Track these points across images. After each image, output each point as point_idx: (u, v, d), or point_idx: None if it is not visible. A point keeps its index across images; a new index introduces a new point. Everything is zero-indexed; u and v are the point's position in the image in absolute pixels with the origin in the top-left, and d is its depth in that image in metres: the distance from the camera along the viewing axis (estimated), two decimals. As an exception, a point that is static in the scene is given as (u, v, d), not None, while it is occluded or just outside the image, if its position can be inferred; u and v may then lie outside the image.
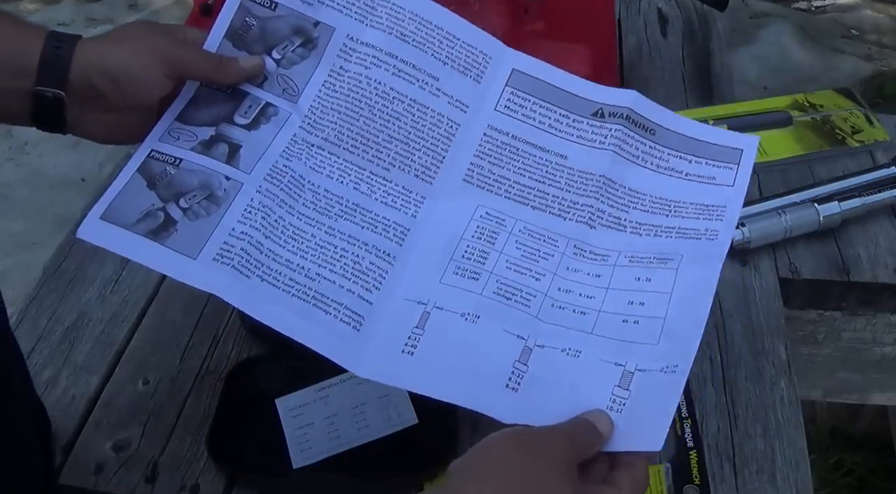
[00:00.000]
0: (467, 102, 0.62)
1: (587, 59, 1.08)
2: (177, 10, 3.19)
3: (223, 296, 0.54)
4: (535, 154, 0.61)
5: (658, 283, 0.55)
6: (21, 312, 0.84)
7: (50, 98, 0.60)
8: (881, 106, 2.55)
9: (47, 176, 2.43)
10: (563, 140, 0.62)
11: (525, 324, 0.54)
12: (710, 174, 0.61)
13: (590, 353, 0.53)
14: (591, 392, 0.52)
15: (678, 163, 0.61)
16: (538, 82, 0.63)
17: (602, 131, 0.62)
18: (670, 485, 0.66)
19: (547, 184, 0.60)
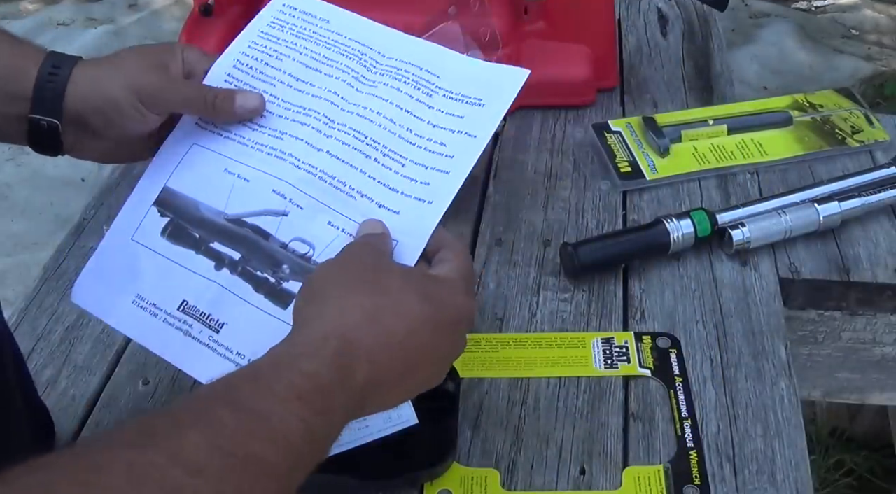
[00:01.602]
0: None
1: (587, 59, 1.08)
2: (177, 10, 3.19)
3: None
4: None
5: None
6: (21, 312, 0.84)
7: (45, 126, 0.60)
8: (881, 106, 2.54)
9: (47, 176, 2.43)
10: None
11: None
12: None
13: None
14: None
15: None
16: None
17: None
18: (670, 485, 0.66)
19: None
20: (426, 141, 0.61)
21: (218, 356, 0.57)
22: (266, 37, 0.67)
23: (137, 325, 0.59)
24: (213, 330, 0.58)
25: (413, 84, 0.64)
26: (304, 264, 0.59)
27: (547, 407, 0.73)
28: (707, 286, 0.84)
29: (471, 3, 0.99)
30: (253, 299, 0.58)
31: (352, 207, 0.60)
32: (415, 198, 0.60)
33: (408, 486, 0.67)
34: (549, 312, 0.82)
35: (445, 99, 0.63)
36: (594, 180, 0.98)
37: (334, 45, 0.66)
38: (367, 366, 0.48)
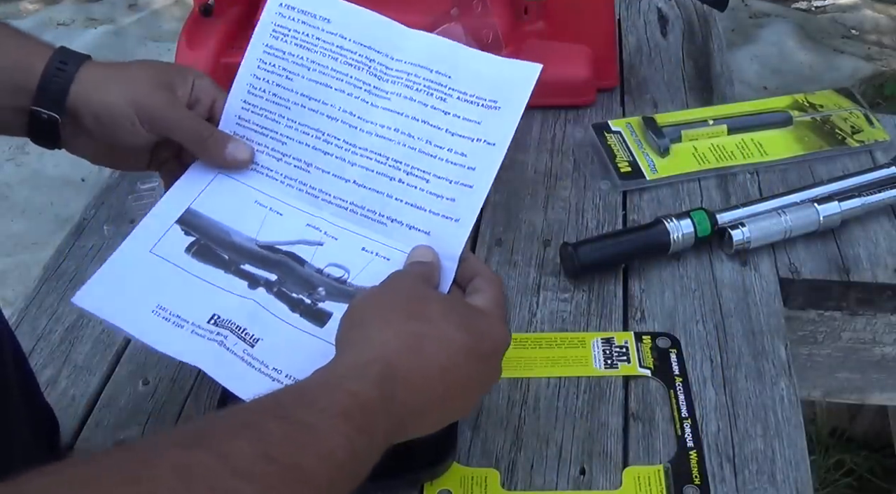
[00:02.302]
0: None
1: (587, 58, 1.08)
2: (177, 10, 3.19)
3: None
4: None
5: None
6: (21, 312, 0.84)
7: (45, 118, 0.60)
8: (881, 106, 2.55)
9: (47, 176, 2.43)
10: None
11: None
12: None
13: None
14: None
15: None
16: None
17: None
18: (670, 485, 0.66)
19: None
20: (446, 152, 0.62)
21: (253, 370, 0.57)
22: (273, 52, 0.66)
23: (158, 333, 0.59)
24: (248, 345, 0.58)
25: (426, 90, 0.63)
26: (340, 287, 0.60)
27: (547, 407, 0.73)
28: (707, 286, 0.84)
29: (473, 4, 0.99)
30: (289, 318, 0.59)
31: (384, 233, 0.61)
32: (442, 215, 0.61)
33: (408, 486, 0.67)
34: (549, 312, 0.82)
35: (460, 102, 0.63)
36: (594, 180, 0.98)
37: (340, 53, 0.65)
38: (408, 391, 0.49)
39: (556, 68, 1.09)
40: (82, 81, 0.60)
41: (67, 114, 0.60)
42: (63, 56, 0.61)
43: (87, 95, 0.60)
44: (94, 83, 0.61)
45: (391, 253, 0.61)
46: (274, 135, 0.65)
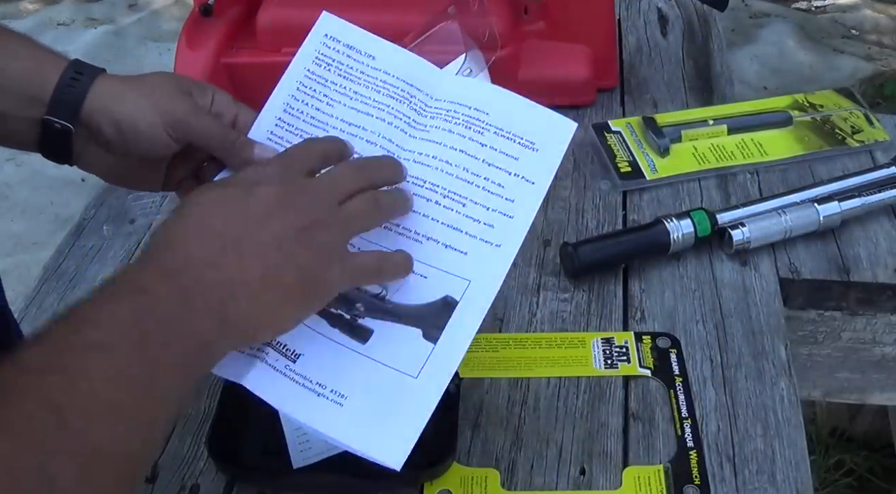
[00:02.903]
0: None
1: (587, 58, 1.08)
2: (177, 10, 3.20)
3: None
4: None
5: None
6: (21, 312, 0.84)
7: (58, 129, 0.59)
8: (881, 106, 2.55)
9: (47, 176, 2.43)
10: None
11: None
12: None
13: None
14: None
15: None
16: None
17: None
18: (670, 485, 0.67)
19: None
20: (483, 180, 0.61)
21: (297, 385, 0.56)
22: (314, 78, 0.65)
23: None
24: (290, 360, 0.57)
25: (464, 124, 0.63)
26: (378, 304, 0.59)
27: (547, 407, 0.73)
28: (707, 286, 0.84)
29: (470, 3, 0.99)
30: (329, 333, 0.58)
31: (418, 250, 0.60)
32: (481, 239, 0.60)
33: (408, 486, 0.67)
34: (549, 312, 0.82)
35: (497, 136, 0.62)
36: (594, 180, 0.98)
37: (383, 87, 0.65)
38: (167, 249, 0.49)
39: (556, 68, 1.09)
40: (98, 92, 0.59)
41: (82, 125, 0.60)
42: (78, 67, 0.60)
43: (105, 105, 0.59)
44: (111, 93, 0.60)
45: (427, 270, 0.60)
46: None
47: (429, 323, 0.58)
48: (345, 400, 0.55)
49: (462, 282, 0.59)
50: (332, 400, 0.55)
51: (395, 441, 0.54)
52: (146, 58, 2.79)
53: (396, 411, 0.55)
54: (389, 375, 0.56)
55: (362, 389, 0.56)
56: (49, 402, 0.40)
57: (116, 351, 0.44)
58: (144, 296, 0.47)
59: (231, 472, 0.69)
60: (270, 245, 0.51)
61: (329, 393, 0.56)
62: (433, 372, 0.56)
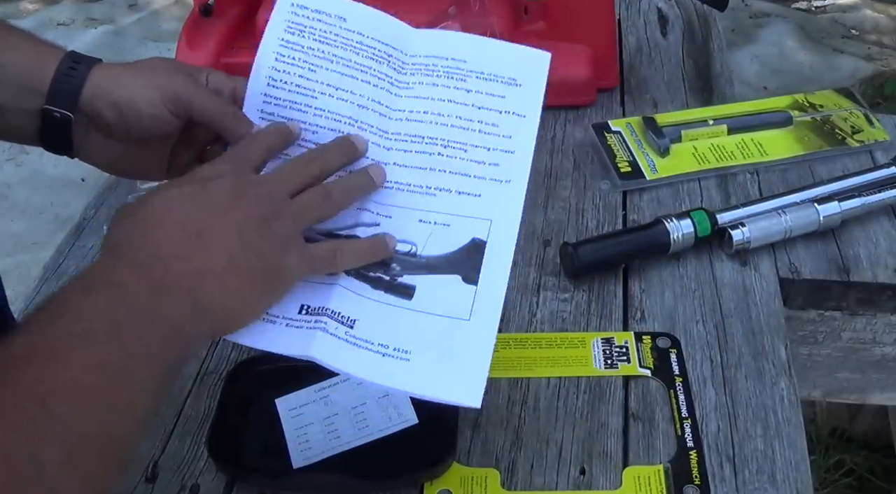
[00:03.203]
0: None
1: (587, 58, 1.08)
2: (177, 10, 3.20)
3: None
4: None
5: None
6: (21, 312, 0.84)
7: (58, 118, 0.60)
8: (881, 106, 2.55)
9: (47, 176, 2.43)
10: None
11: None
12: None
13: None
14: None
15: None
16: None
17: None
18: (670, 485, 0.67)
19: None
20: (477, 123, 0.62)
21: (361, 349, 0.57)
22: (290, 46, 0.65)
23: (253, 333, 0.57)
24: (348, 326, 0.58)
25: (445, 75, 0.64)
26: (412, 260, 0.60)
27: (547, 407, 0.73)
28: (707, 286, 0.84)
29: (471, 3, 0.99)
30: (374, 295, 0.59)
31: (435, 202, 0.61)
32: (490, 179, 0.61)
33: (408, 486, 0.67)
34: (549, 312, 0.82)
35: (480, 80, 0.63)
36: (594, 180, 0.98)
37: (361, 48, 0.65)
38: (130, 246, 0.50)
39: (556, 68, 1.09)
40: (96, 79, 0.60)
41: (81, 113, 0.60)
42: (75, 58, 0.60)
43: (103, 89, 0.60)
44: (109, 77, 0.60)
45: (448, 219, 0.61)
46: (302, 124, 0.64)
47: (465, 267, 0.59)
48: (410, 355, 0.57)
49: (484, 223, 0.60)
50: (399, 357, 0.57)
51: (468, 381, 0.56)
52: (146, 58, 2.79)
53: (461, 354, 0.57)
54: (444, 323, 0.58)
55: (423, 342, 0.57)
56: (33, 391, 0.41)
57: (94, 340, 0.45)
58: (117, 289, 0.48)
59: (231, 472, 0.69)
60: (232, 234, 0.52)
61: (393, 352, 0.57)
62: (483, 311, 0.58)
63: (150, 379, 0.47)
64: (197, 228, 0.51)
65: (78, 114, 0.60)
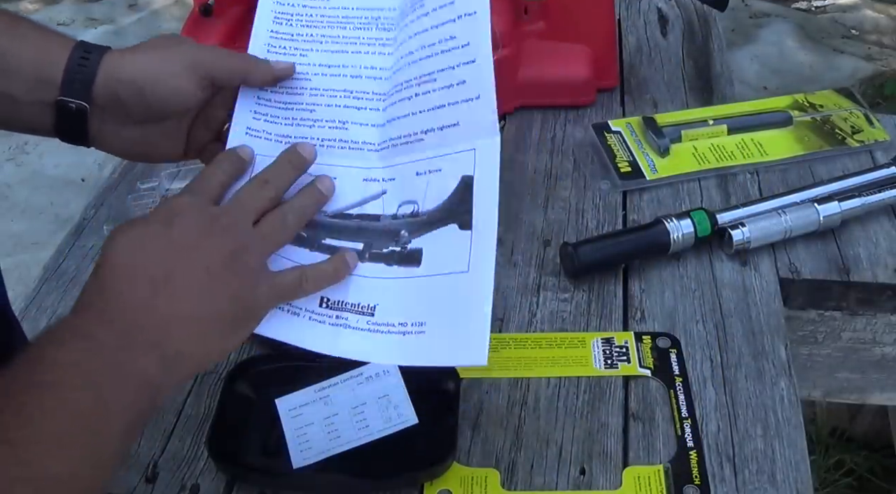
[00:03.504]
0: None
1: (587, 58, 1.08)
2: (177, 10, 3.20)
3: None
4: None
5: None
6: (21, 312, 0.84)
7: (73, 109, 0.60)
8: (881, 106, 2.55)
9: (47, 176, 2.43)
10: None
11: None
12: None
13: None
14: None
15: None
16: None
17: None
18: (670, 485, 0.66)
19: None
20: (438, 44, 0.62)
21: (384, 335, 0.58)
22: (279, 37, 0.66)
23: (277, 325, 0.59)
24: (368, 315, 0.59)
25: (411, 10, 0.64)
26: (416, 221, 0.60)
27: (547, 407, 0.73)
28: (707, 286, 0.84)
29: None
30: (388, 273, 0.60)
31: (425, 148, 0.61)
32: (461, 100, 0.60)
33: (408, 486, 0.67)
34: (549, 312, 0.82)
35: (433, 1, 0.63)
36: (594, 180, 0.98)
37: (348, 22, 0.66)
38: (106, 298, 0.50)
39: (556, 68, 1.09)
40: (109, 65, 0.60)
41: (97, 102, 0.60)
42: (85, 47, 0.60)
43: (121, 74, 0.60)
44: (124, 61, 0.60)
45: (437, 163, 0.61)
46: (299, 106, 0.65)
47: (458, 211, 0.59)
48: (425, 327, 0.57)
49: (469, 154, 0.60)
50: (416, 332, 0.57)
51: (472, 340, 0.56)
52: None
53: (464, 311, 0.57)
54: (446, 281, 0.58)
55: (434, 308, 0.58)
56: (4, 437, 0.42)
57: (64, 390, 0.45)
58: (88, 342, 0.48)
59: (231, 472, 0.69)
60: (200, 275, 0.52)
61: (411, 328, 0.58)
62: (479, 258, 0.58)
63: (120, 427, 0.47)
64: (163, 274, 0.51)
65: (93, 104, 0.60)
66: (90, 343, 0.48)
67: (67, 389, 0.45)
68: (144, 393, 0.49)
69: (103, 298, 0.50)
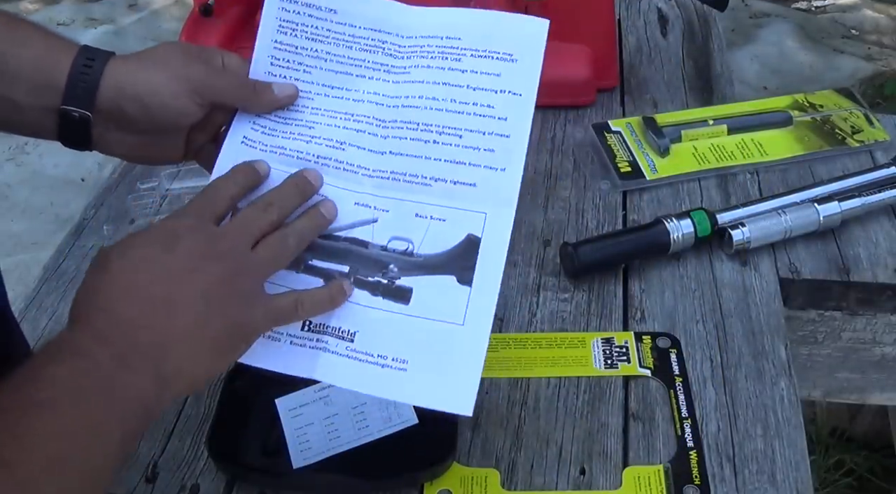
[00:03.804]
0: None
1: (587, 58, 1.08)
2: (177, 10, 3.20)
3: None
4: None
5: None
6: (21, 312, 0.84)
7: (76, 118, 0.59)
8: (881, 106, 2.55)
9: (47, 176, 2.43)
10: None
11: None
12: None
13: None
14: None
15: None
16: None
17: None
18: (670, 485, 0.67)
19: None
20: (472, 106, 0.62)
21: (361, 363, 0.58)
22: (283, 47, 0.66)
23: (258, 352, 0.58)
24: (348, 341, 0.58)
25: (440, 55, 0.63)
26: (408, 260, 0.60)
27: (547, 407, 0.73)
28: (707, 286, 0.84)
29: (470, 3, 0.99)
30: (374, 302, 0.59)
31: (431, 193, 0.61)
32: (485, 167, 0.61)
33: (408, 486, 0.67)
34: (549, 312, 0.82)
35: (475, 58, 0.63)
36: (594, 180, 0.98)
37: (354, 41, 0.65)
38: (101, 312, 0.51)
39: (556, 68, 1.09)
40: (112, 75, 0.59)
41: (99, 111, 0.60)
42: (89, 53, 0.60)
43: (123, 85, 0.59)
44: (127, 72, 0.60)
45: (444, 212, 0.60)
46: (299, 122, 0.64)
47: (460, 265, 0.59)
48: (407, 365, 0.57)
49: (479, 216, 0.60)
50: (397, 367, 0.57)
51: (460, 390, 0.56)
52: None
53: (455, 361, 0.57)
54: (439, 328, 0.58)
55: (419, 349, 0.57)
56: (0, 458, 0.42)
57: (58, 408, 0.45)
58: (82, 359, 0.48)
59: (231, 472, 0.69)
60: (197, 299, 0.52)
61: (392, 362, 0.57)
62: (476, 315, 0.58)
63: (112, 446, 0.47)
64: (162, 295, 0.51)
65: (96, 112, 0.60)
66: (86, 362, 0.48)
67: (62, 408, 0.45)
68: (139, 412, 0.49)
69: (100, 316, 0.50)
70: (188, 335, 0.51)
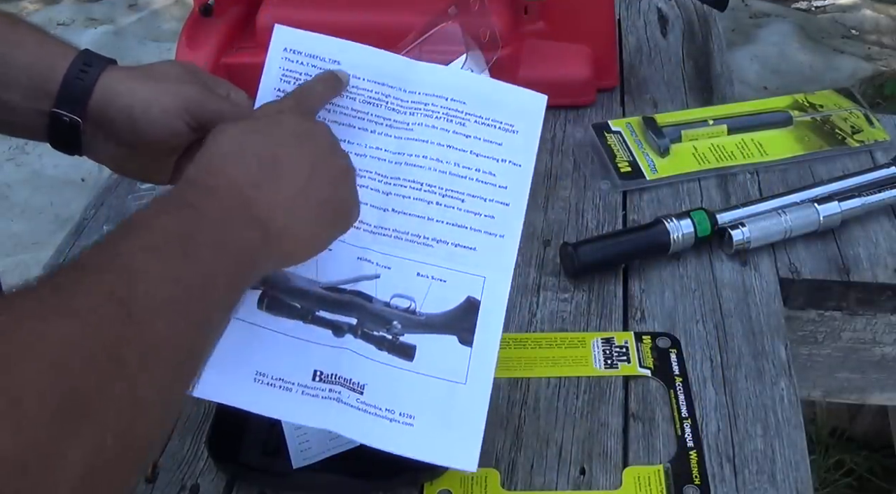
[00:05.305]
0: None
1: (587, 59, 1.08)
2: (177, 10, 3.20)
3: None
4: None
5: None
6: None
7: (66, 122, 0.59)
8: (881, 106, 2.55)
9: (47, 176, 2.43)
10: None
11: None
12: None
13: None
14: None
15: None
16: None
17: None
18: (670, 485, 0.67)
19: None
20: (475, 172, 0.63)
21: (372, 416, 0.58)
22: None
23: (269, 402, 0.58)
24: (358, 393, 0.59)
25: (445, 117, 0.64)
26: (411, 317, 0.61)
27: (547, 407, 0.73)
28: (707, 286, 0.84)
29: (471, 3, 0.98)
30: (380, 357, 0.60)
31: (432, 254, 0.62)
32: (485, 232, 0.62)
33: (408, 486, 0.67)
34: (549, 312, 0.82)
35: (479, 125, 0.64)
36: (594, 180, 0.98)
37: (357, 93, 0.65)
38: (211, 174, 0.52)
39: (556, 68, 1.09)
40: (106, 84, 0.59)
41: (90, 118, 0.59)
42: (87, 58, 0.60)
43: (114, 96, 0.59)
44: (120, 83, 0.60)
45: (444, 274, 0.62)
46: None
47: (460, 327, 0.61)
48: (414, 420, 0.58)
49: (478, 280, 0.61)
50: (404, 422, 0.58)
51: (464, 446, 0.58)
52: (146, 58, 2.79)
53: (459, 418, 0.59)
54: (443, 387, 0.59)
55: (425, 406, 0.59)
56: (113, 295, 0.41)
57: (169, 256, 0.45)
58: (191, 210, 0.49)
59: (231, 472, 0.69)
60: (305, 163, 0.54)
61: (399, 417, 0.58)
62: (478, 373, 0.60)
63: (222, 297, 0.48)
64: (270, 160, 0.53)
65: (86, 119, 0.60)
66: (194, 212, 0.48)
67: (170, 256, 0.45)
68: (245, 268, 0.50)
69: (210, 174, 0.51)
70: (293, 197, 0.53)
